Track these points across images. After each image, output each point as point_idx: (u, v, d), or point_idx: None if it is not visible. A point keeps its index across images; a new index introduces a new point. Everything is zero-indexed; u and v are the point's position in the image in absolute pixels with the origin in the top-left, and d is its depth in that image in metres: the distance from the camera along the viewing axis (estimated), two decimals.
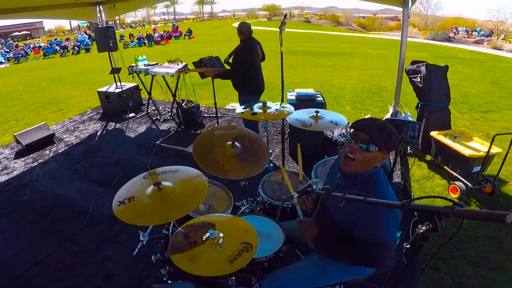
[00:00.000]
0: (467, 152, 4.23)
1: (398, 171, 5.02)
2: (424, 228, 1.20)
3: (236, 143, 2.90)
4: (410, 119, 5.77)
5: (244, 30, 4.91)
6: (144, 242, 2.50)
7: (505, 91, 9.47)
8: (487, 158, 4.11)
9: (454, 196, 4.36)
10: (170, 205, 2.09)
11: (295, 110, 3.67)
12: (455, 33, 29.75)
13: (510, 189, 4.52)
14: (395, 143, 1.83)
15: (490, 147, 4.00)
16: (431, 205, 1.22)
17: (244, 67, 4.86)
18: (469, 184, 4.24)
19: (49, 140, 6.79)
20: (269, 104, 3.69)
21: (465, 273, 3.21)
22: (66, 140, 6.91)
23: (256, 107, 3.66)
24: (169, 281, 2.56)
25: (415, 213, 1.29)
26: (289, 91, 5.62)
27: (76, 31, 43.28)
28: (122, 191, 2.29)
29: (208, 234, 1.96)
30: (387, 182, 1.93)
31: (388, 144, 1.81)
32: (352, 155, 1.88)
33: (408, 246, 1.31)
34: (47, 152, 6.35)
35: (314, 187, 1.83)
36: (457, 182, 4.33)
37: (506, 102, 8.48)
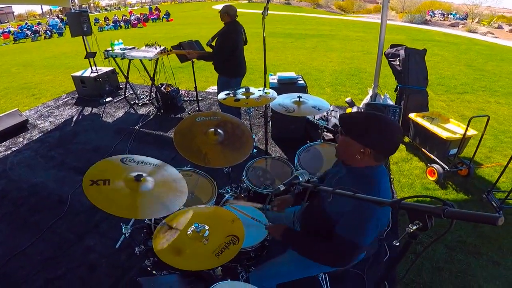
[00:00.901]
0: (444, 134, 4.30)
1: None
2: (414, 227, 1.19)
3: (218, 129, 2.86)
4: (389, 101, 5.83)
5: (232, 13, 4.86)
6: (126, 235, 2.47)
7: (479, 73, 9.67)
8: (464, 141, 4.19)
9: (431, 179, 4.44)
10: (147, 202, 2.02)
11: (277, 94, 3.63)
12: (431, 16, 29.97)
13: (484, 171, 4.65)
14: (374, 140, 1.75)
15: (466, 130, 4.06)
16: (421, 204, 1.19)
17: (228, 49, 4.82)
18: (446, 167, 4.33)
19: (22, 126, 6.57)
20: (252, 89, 3.64)
21: (443, 257, 3.28)
22: (41, 126, 6.71)
23: (239, 93, 3.60)
24: (154, 272, 2.54)
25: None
26: (271, 75, 5.58)
27: (48, 15, 41.54)
28: (94, 170, 2.16)
29: (193, 227, 1.94)
30: (388, 183, 1.90)
31: (361, 135, 1.75)
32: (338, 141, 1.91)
33: (397, 244, 1.31)
34: (21, 139, 6.15)
35: (300, 179, 1.81)
36: (434, 165, 4.40)
37: (480, 83, 8.67)
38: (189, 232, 1.96)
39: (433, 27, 22.23)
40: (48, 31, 25.55)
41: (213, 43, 5.09)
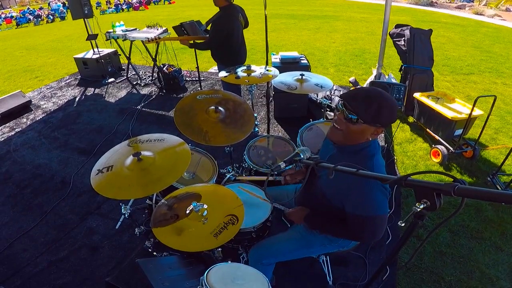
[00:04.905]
0: (449, 114, 4.21)
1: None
2: (421, 206, 1.09)
3: (219, 107, 2.83)
4: (393, 81, 5.77)
5: None
6: (126, 215, 2.45)
7: (486, 55, 9.49)
8: (469, 121, 4.10)
9: (436, 160, 4.39)
10: (150, 177, 2.00)
11: (279, 73, 3.59)
12: None
13: (490, 153, 4.58)
14: (386, 118, 1.71)
15: (472, 109, 3.98)
16: (429, 181, 1.09)
17: (221, 37, 4.40)
18: (451, 148, 4.27)
19: (25, 107, 6.59)
20: (253, 67, 3.60)
21: (445, 242, 3.26)
22: (44, 107, 6.72)
23: (240, 71, 3.56)
24: (155, 253, 2.53)
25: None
26: (273, 54, 5.53)
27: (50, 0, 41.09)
28: (102, 160, 2.20)
29: (191, 206, 1.91)
30: (380, 156, 1.86)
31: (375, 117, 1.69)
32: (338, 126, 1.80)
33: (402, 224, 1.25)
34: (24, 120, 6.17)
35: (301, 156, 1.76)
36: (439, 146, 4.35)
37: (487, 65, 8.52)
38: (187, 212, 1.93)
39: (439, 9, 21.75)
40: (50, 15, 25.33)
41: (208, 28, 4.84)
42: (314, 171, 1.84)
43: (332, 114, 4.81)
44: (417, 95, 4.83)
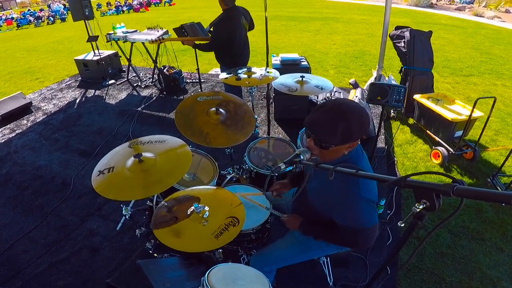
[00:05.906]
0: (449, 116, 4.22)
1: (382, 136, 5.04)
2: (421, 207, 1.09)
3: (220, 109, 2.83)
4: (393, 82, 5.77)
5: (227, 0, 4.41)
6: (127, 217, 2.45)
7: (485, 56, 9.50)
8: (469, 122, 4.11)
9: (436, 162, 4.40)
10: (151, 178, 2.01)
11: (280, 74, 3.60)
12: (437, 0, 29.44)
13: (490, 155, 4.58)
14: (357, 133, 1.66)
15: (472, 111, 3.99)
16: (428, 181, 1.10)
17: (222, 39, 4.43)
18: (451, 150, 4.28)
19: (26, 109, 6.60)
20: (254, 69, 3.61)
21: (446, 243, 3.26)
22: (44, 108, 6.72)
23: (241, 72, 3.57)
24: (155, 254, 2.54)
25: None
26: (274, 56, 5.53)
27: (50, 1, 41.09)
28: (103, 161, 2.21)
29: (192, 208, 1.91)
30: (366, 162, 1.85)
31: (346, 138, 1.66)
32: (312, 151, 1.80)
33: (402, 225, 1.25)
34: (25, 121, 6.17)
35: (302, 157, 1.76)
36: (439, 148, 4.35)
37: (487, 66, 8.52)
38: (188, 213, 1.94)
39: (439, 10, 21.77)
40: (51, 17, 25.36)
41: (211, 29, 4.83)
42: (304, 178, 1.83)
43: None
44: (417, 96, 4.84)
